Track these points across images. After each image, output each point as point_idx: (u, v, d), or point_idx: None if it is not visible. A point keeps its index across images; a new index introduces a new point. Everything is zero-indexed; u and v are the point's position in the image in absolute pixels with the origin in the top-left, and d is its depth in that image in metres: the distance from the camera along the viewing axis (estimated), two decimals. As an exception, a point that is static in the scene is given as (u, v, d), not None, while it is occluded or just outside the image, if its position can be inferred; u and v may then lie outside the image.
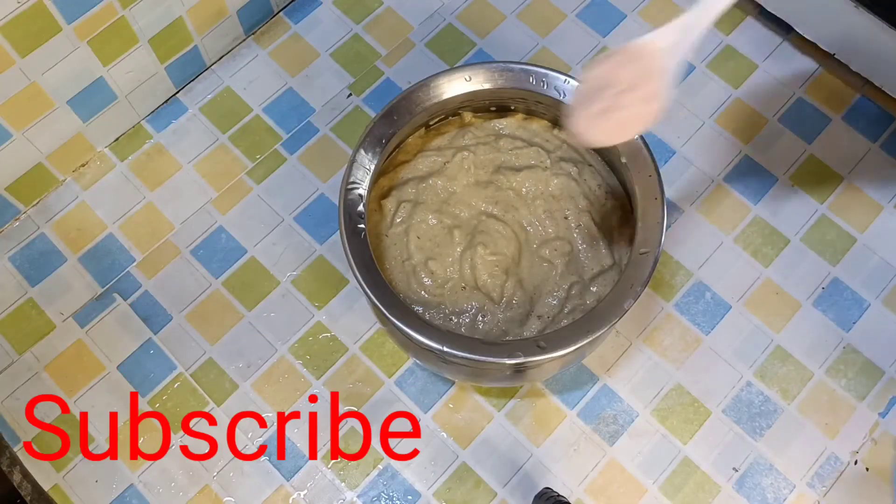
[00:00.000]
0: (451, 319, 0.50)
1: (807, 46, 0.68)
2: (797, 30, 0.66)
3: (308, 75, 0.69)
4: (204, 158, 0.66)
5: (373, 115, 0.67)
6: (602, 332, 0.45)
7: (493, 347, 0.45)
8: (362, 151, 0.49)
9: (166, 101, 0.68)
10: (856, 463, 0.58)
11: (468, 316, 0.50)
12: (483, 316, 0.50)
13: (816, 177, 0.65)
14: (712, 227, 0.64)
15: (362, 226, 0.47)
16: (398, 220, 0.52)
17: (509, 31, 0.70)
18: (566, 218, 0.52)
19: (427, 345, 0.45)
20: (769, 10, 0.67)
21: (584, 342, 0.45)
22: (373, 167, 0.49)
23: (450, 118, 0.54)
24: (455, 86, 0.51)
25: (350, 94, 0.68)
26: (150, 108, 0.67)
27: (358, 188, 0.48)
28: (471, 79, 0.51)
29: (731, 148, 0.66)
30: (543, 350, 0.44)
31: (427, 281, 0.50)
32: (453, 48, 0.69)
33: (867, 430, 0.58)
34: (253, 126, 0.67)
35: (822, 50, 0.66)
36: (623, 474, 0.57)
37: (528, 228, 0.52)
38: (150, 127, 0.67)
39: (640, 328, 0.61)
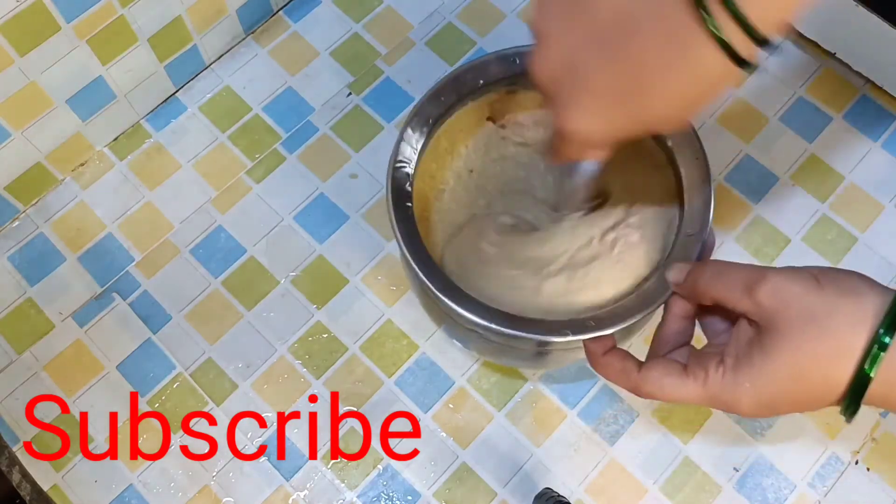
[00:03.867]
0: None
1: (808, 45, 0.68)
2: (798, 28, 0.66)
3: (308, 74, 0.68)
4: (203, 157, 0.66)
5: (373, 114, 0.67)
6: (647, 311, 0.45)
7: (542, 324, 0.44)
8: (409, 130, 0.48)
9: (165, 100, 0.68)
10: (857, 463, 0.58)
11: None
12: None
13: (817, 176, 0.65)
14: (713, 226, 0.64)
15: (410, 204, 0.46)
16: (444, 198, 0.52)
17: (510, 29, 0.70)
18: None
19: (477, 322, 0.43)
20: (770, 8, 0.67)
21: (633, 320, 0.44)
22: (419, 146, 0.48)
23: (494, 99, 0.54)
24: (504, 68, 0.50)
25: (350, 94, 0.68)
26: (150, 107, 0.67)
27: (406, 167, 0.47)
28: (518, 62, 0.50)
29: (731, 147, 0.66)
30: (593, 328, 0.44)
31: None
32: (453, 47, 0.69)
33: (868, 430, 0.58)
34: (252, 125, 0.67)
35: (824, 49, 0.66)
36: (624, 474, 0.57)
37: None
38: (149, 126, 0.67)
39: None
